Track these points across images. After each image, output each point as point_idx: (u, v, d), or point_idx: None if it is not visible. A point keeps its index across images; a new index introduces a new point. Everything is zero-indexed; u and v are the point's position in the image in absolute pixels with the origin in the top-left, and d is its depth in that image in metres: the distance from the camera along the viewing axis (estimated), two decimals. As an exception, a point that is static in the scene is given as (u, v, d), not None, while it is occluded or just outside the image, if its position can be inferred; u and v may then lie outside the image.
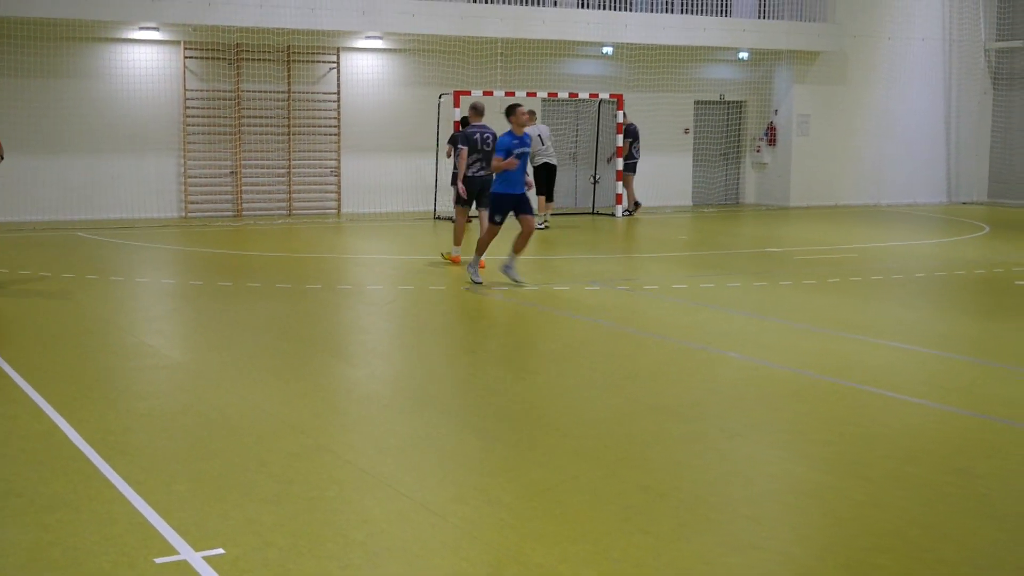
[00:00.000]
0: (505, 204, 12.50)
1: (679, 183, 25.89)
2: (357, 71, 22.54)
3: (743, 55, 25.73)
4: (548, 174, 20.21)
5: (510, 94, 21.67)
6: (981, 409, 7.32)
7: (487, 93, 21.33)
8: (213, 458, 6.08)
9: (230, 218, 21.34)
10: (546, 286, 12.51)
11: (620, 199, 22.56)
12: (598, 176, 23.60)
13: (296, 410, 7.15)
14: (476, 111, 14.58)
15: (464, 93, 20.46)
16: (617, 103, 22.55)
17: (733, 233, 20.30)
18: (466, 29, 21.88)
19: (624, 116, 22.42)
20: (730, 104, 26.42)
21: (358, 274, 14.15)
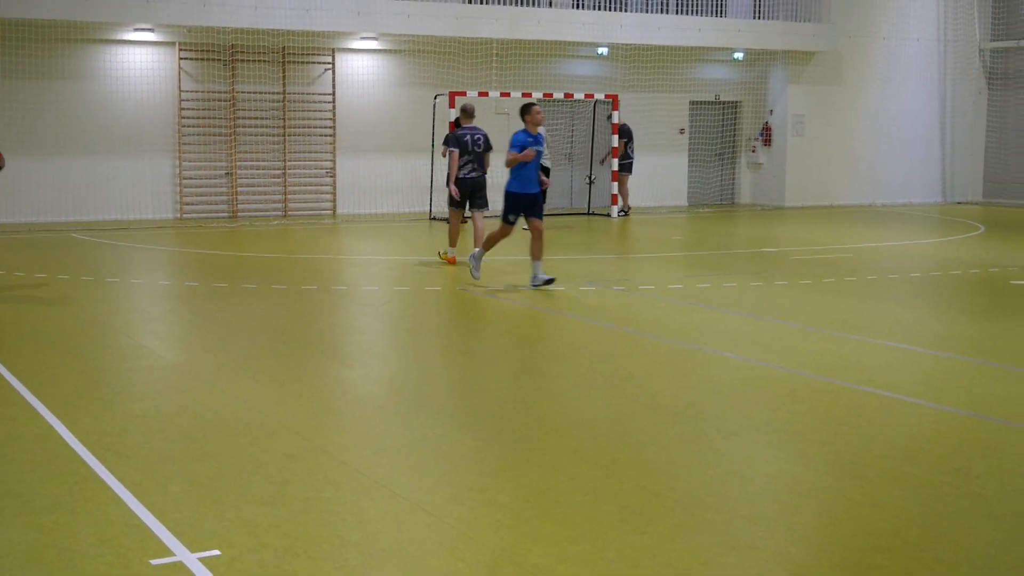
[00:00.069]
0: (519, 203, 12.37)
1: (674, 183, 25.91)
2: (352, 72, 22.53)
3: (738, 55, 25.75)
4: (544, 175, 20.22)
5: (505, 95, 21.69)
6: (978, 409, 7.32)
7: (482, 94, 21.34)
8: (209, 459, 6.07)
9: (225, 219, 21.32)
10: (542, 287, 12.49)
11: (616, 199, 22.58)
12: (594, 177, 23.61)
13: (292, 411, 7.14)
14: (466, 113, 14.61)
15: (459, 94, 20.45)
16: (612, 103, 22.56)
17: (729, 233, 20.31)
18: (461, 30, 21.88)
19: (618, 117, 22.44)
20: (725, 104, 26.44)
21: (353, 275, 14.15)
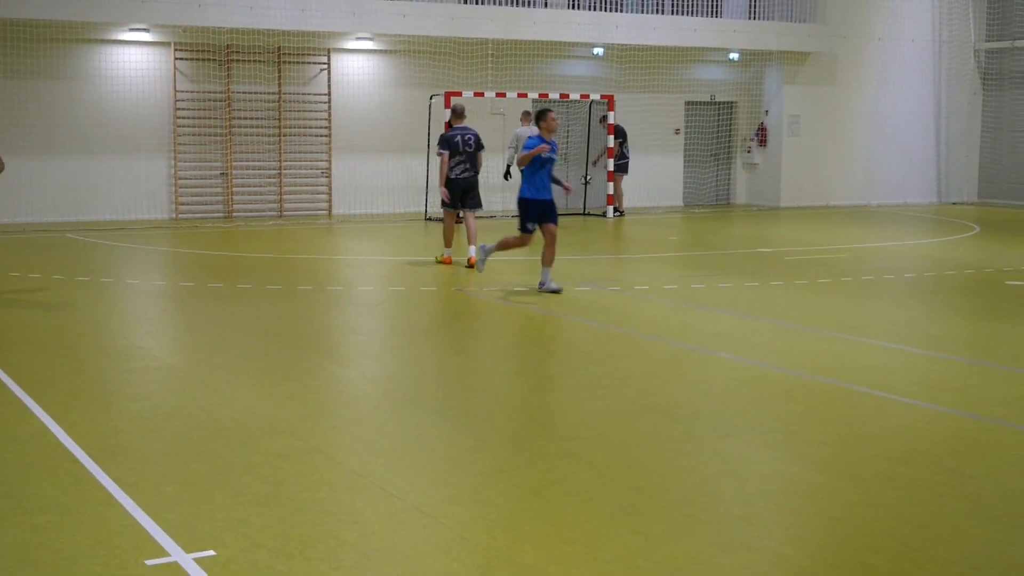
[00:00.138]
0: (533, 210, 12.10)
1: (670, 184, 25.91)
2: (348, 72, 22.52)
3: (733, 56, 25.76)
4: None
5: (501, 95, 21.71)
6: (973, 409, 7.33)
7: (478, 94, 21.35)
8: (204, 460, 6.06)
9: (221, 219, 21.30)
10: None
11: (611, 200, 22.59)
12: (589, 177, 23.60)
13: (287, 412, 7.14)
14: (456, 113, 14.65)
15: (455, 94, 20.43)
16: (608, 104, 22.56)
17: (724, 234, 20.32)
18: (456, 30, 21.88)
19: (613, 117, 22.44)
20: (721, 105, 26.45)
21: (349, 275, 14.14)
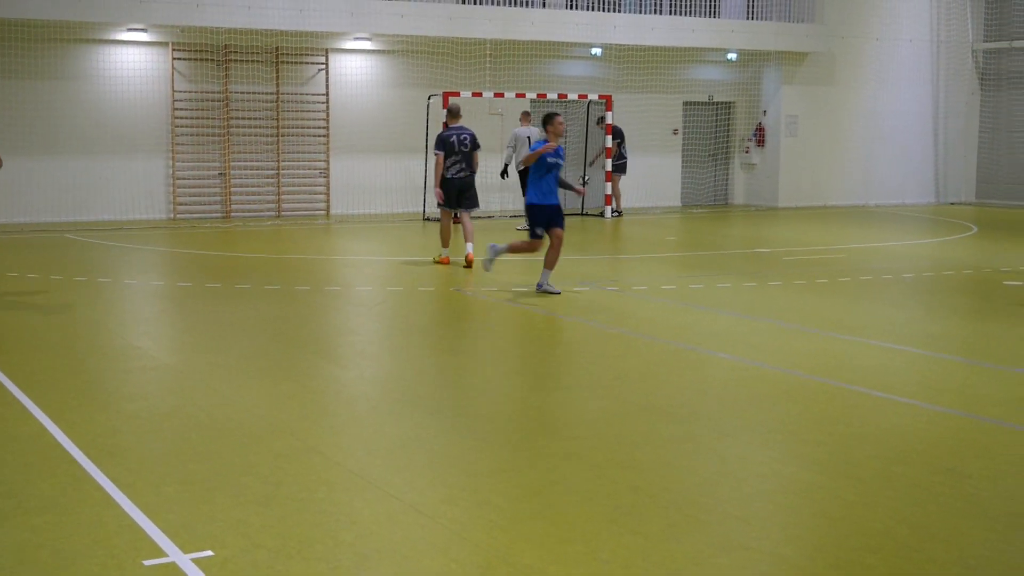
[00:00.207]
0: (541, 216, 12.06)
1: (668, 184, 25.93)
2: (346, 72, 22.52)
3: (731, 56, 25.77)
4: None
5: (499, 95, 21.72)
6: (971, 409, 7.33)
7: (476, 94, 21.36)
8: (202, 460, 6.06)
9: (219, 219, 21.30)
10: (535, 287, 12.49)
11: (609, 200, 22.60)
12: (587, 177, 23.61)
13: (285, 412, 7.14)
14: (452, 113, 14.69)
15: (453, 94, 20.44)
16: (606, 104, 22.57)
17: (722, 234, 20.32)
18: (455, 30, 21.88)
19: (610, 117, 22.44)
20: (719, 105, 26.46)
21: (347, 275, 14.14)
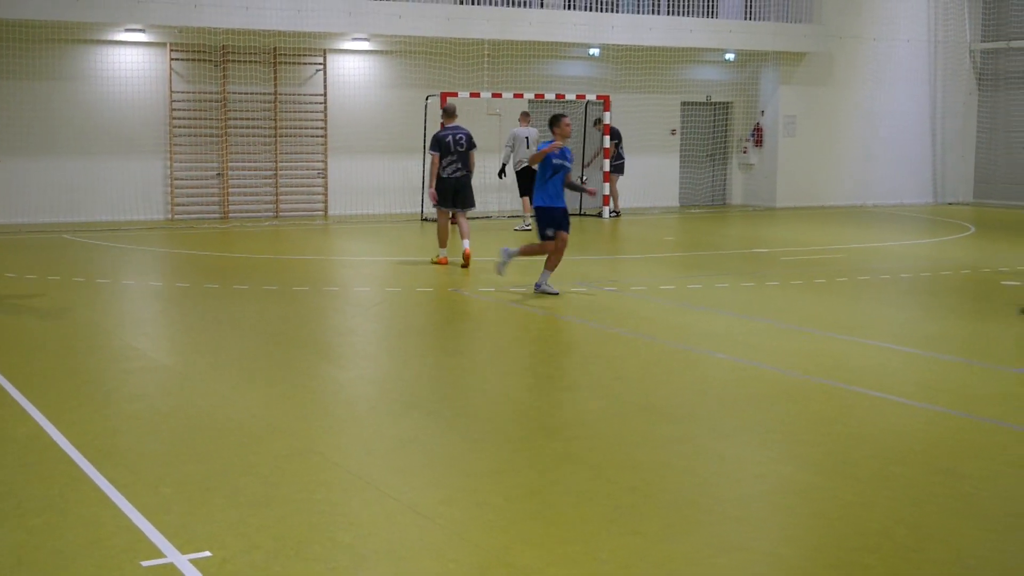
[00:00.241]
0: (549, 217, 11.99)
1: (666, 184, 25.93)
2: (344, 73, 22.51)
3: (729, 56, 25.78)
4: (531, 179, 20.30)
5: (497, 96, 21.72)
6: (969, 409, 7.34)
7: (474, 95, 21.37)
8: (200, 461, 6.06)
9: (217, 220, 21.29)
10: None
11: (607, 200, 22.61)
12: (585, 177, 23.61)
13: (283, 412, 7.13)
14: (448, 113, 14.74)
15: (451, 95, 20.45)
16: (604, 104, 22.57)
17: (720, 234, 20.33)
18: (453, 30, 21.87)
19: (608, 118, 22.45)
20: (717, 105, 26.47)
21: (345, 276, 14.14)
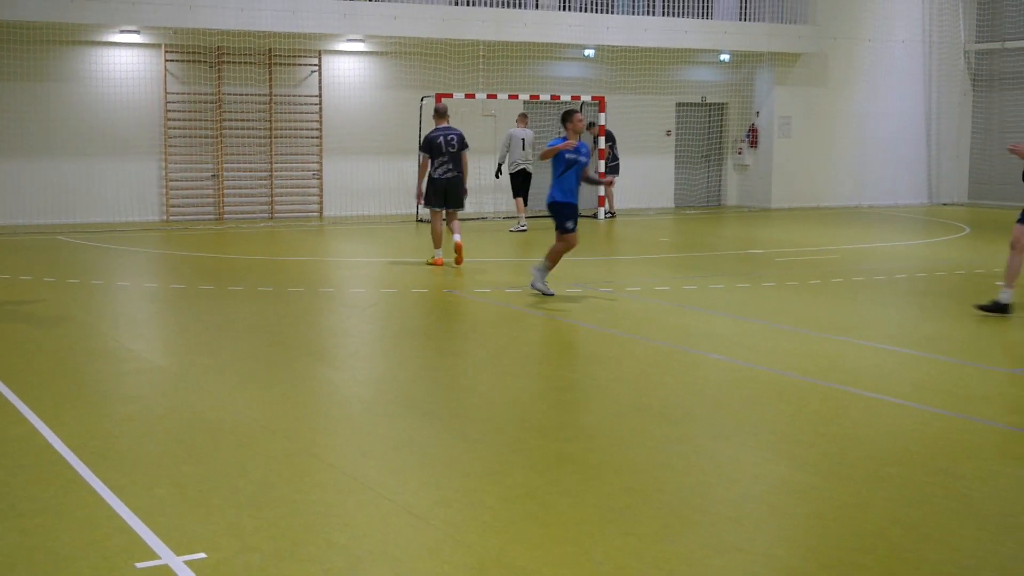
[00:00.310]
0: (570, 211, 11.93)
1: (661, 185, 25.94)
2: (339, 74, 22.51)
3: (724, 57, 25.79)
4: (524, 180, 20.44)
5: (492, 97, 21.72)
6: (963, 410, 7.34)
7: (469, 96, 21.39)
8: (195, 462, 6.05)
9: (212, 221, 21.27)
10: (528, 288, 12.49)
11: (602, 201, 22.62)
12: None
13: (278, 414, 7.13)
14: (438, 113, 14.74)
15: (446, 95, 20.46)
16: (599, 105, 22.58)
17: (715, 235, 20.35)
18: (448, 31, 21.88)
19: (603, 119, 22.46)
20: (712, 106, 26.49)
21: (340, 277, 14.13)
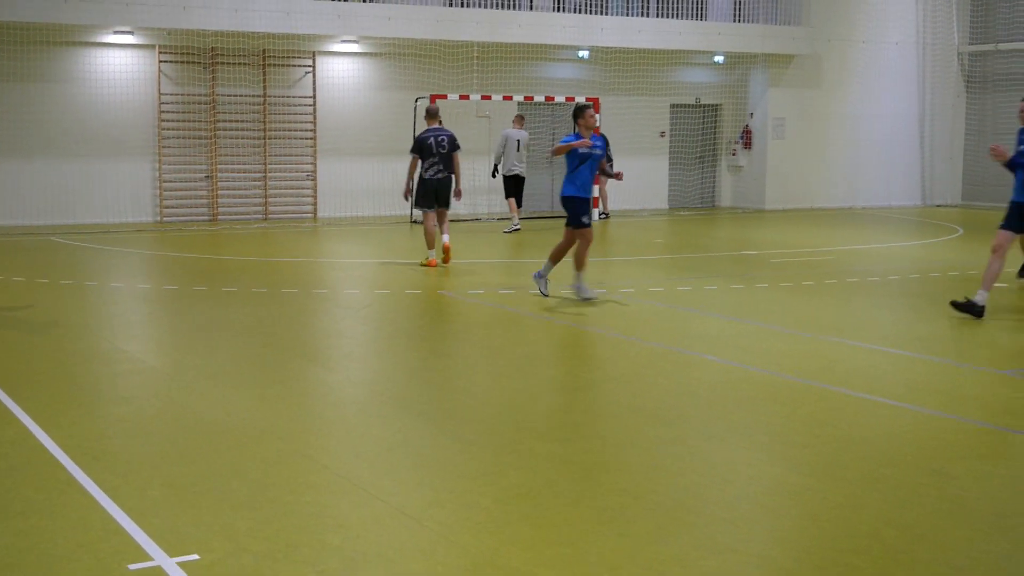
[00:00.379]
0: (586, 206, 11.97)
1: (655, 186, 25.95)
2: (333, 75, 22.49)
3: (718, 59, 25.82)
4: (517, 183, 20.48)
5: (486, 98, 21.72)
6: (957, 411, 7.35)
7: (463, 97, 21.38)
8: (188, 463, 6.04)
9: (206, 222, 21.24)
10: (522, 289, 12.50)
11: (596, 202, 22.62)
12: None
13: (272, 415, 7.12)
14: (429, 114, 14.77)
15: (440, 97, 20.46)
16: (593, 107, 22.54)
17: (709, 236, 20.36)
18: (442, 33, 21.87)
19: (597, 121, 22.48)
20: (706, 107, 26.51)
21: (334, 278, 14.12)
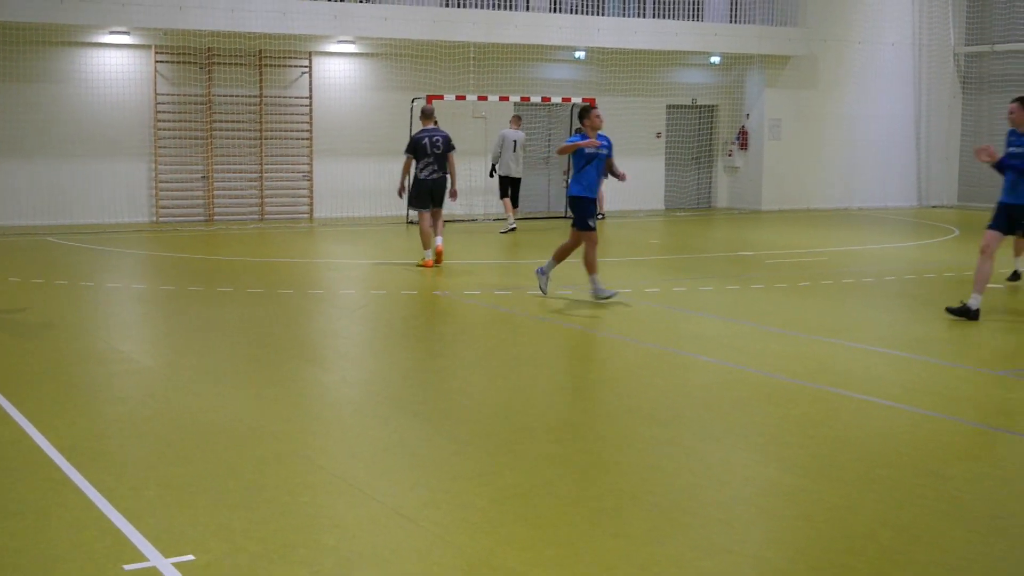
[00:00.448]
0: (593, 207, 11.97)
1: (651, 187, 25.95)
2: (329, 75, 22.48)
3: (715, 59, 25.83)
4: (513, 185, 20.50)
5: (483, 98, 21.73)
6: (953, 412, 7.36)
7: (460, 97, 21.39)
8: (184, 464, 6.04)
9: (202, 223, 21.23)
10: (518, 290, 12.50)
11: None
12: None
13: (268, 415, 7.12)
14: (425, 114, 14.76)
15: (437, 97, 20.46)
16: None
17: (705, 237, 20.37)
18: (438, 33, 21.87)
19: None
20: (702, 108, 26.52)
21: (330, 278, 14.12)
